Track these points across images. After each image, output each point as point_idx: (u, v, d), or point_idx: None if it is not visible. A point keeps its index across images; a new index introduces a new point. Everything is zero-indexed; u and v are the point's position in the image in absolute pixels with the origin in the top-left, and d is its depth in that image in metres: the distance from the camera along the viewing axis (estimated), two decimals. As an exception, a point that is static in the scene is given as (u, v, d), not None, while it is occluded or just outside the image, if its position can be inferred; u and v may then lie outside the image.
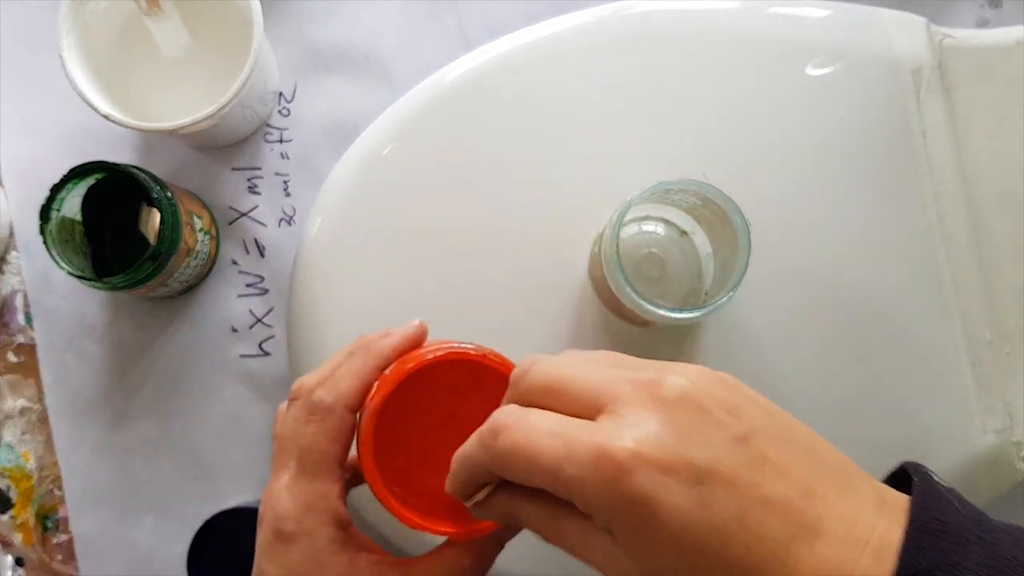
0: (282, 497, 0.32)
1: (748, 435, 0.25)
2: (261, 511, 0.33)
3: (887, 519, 0.24)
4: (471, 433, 0.28)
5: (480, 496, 0.29)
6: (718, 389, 0.26)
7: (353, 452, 0.33)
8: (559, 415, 0.26)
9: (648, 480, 0.24)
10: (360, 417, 0.33)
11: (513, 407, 0.27)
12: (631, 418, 0.25)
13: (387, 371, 0.33)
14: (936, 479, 0.27)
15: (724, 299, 0.38)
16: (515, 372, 0.29)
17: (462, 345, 0.32)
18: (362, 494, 0.37)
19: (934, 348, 0.45)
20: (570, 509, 0.26)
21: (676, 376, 0.25)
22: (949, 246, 0.45)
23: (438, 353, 0.31)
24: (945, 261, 0.45)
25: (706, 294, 0.44)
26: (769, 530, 0.24)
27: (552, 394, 0.27)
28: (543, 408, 0.27)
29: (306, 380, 0.34)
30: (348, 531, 0.33)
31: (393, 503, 0.31)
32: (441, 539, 0.33)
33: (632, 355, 0.45)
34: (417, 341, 0.34)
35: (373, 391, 0.32)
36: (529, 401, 0.27)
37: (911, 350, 0.45)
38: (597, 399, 0.26)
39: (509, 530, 0.33)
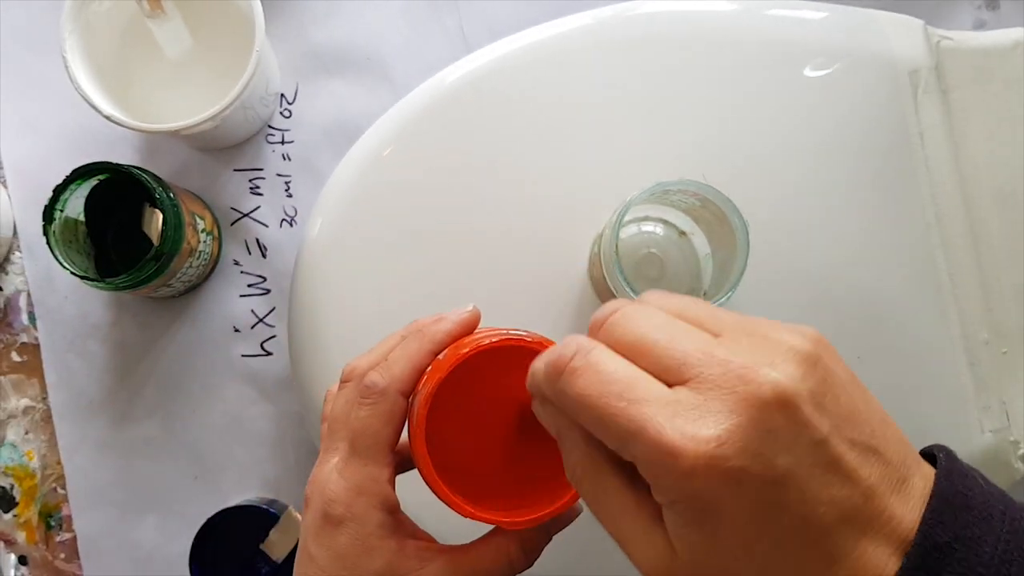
0: (332, 480, 0.31)
1: (828, 436, 0.24)
2: (308, 492, 0.32)
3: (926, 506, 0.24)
4: (523, 422, 0.27)
5: (537, 403, 0.28)
6: (811, 379, 0.24)
7: (403, 438, 0.32)
8: (634, 370, 0.25)
9: (722, 482, 0.23)
10: (412, 402, 0.32)
11: (583, 339, 0.26)
12: (715, 408, 0.23)
13: (441, 356, 0.32)
14: (961, 460, 0.27)
15: (723, 299, 0.39)
16: (594, 319, 0.27)
17: (517, 332, 0.31)
18: (408, 483, 0.36)
19: (932, 348, 0.45)
20: (620, 469, 0.25)
21: (770, 371, 0.24)
22: (947, 246, 0.46)
23: (494, 339, 0.31)
24: (943, 261, 0.46)
25: (705, 294, 0.44)
26: (828, 530, 0.23)
27: (635, 353, 0.25)
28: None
29: (359, 362, 0.33)
30: (397, 516, 0.32)
31: (444, 489, 0.30)
32: (488, 527, 0.32)
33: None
34: (471, 326, 0.33)
35: (426, 376, 0.32)
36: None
37: (909, 350, 0.45)
38: (680, 370, 0.24)
39: (558, 522, 0.32)
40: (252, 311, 0.52)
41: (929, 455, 0.28)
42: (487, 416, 0.32)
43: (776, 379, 0.23)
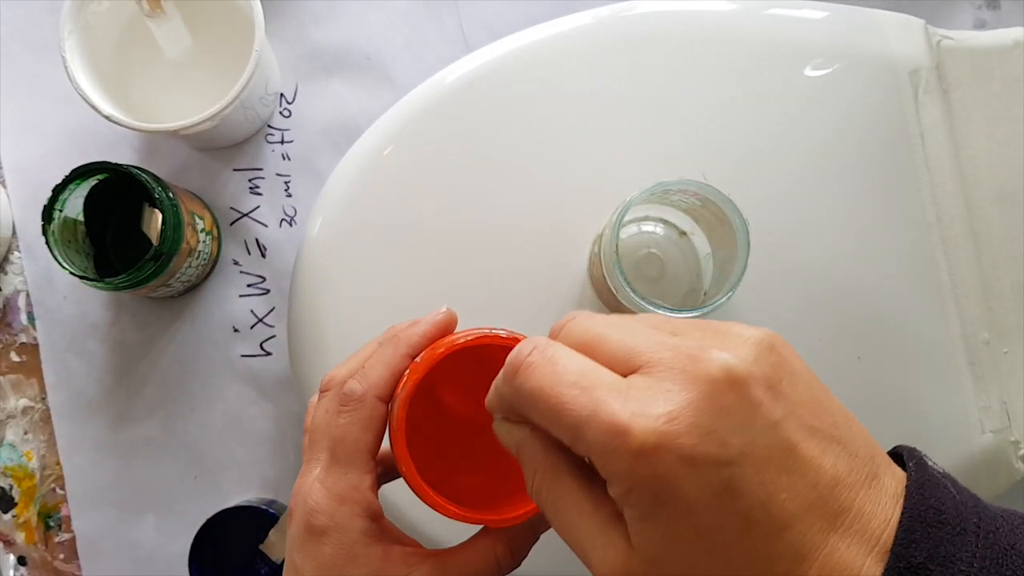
0: (314, 490, 0.31)
1: (783, 419, 0.23)
2: (292, 504, 0.32)
3: (899, 511, 0.24)
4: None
5: (496, 421, 0.28)
6: (763, 362, 0.24)
7: (385, 444, 0.32)
8: (588, 362, 0.25)
9: (675, 461, 0.23)
10: (392, 406, 0.32)
11: (541, 339, 0.26)
12: (665, 387, 0.23)
13: (417, 359, 0.32)
14: (931, 464, 0.26)
15: (723, 299, 0.39)
16: (553, 326, 0.28)
17: (493, 329, 0.31)
18: (390, 487, 0.36)
19: (932, 347, 0.45)
20: (578, 475, 0.25)
21: (721, 352, 0.24)
22: (947, 246, 0.46)
23: (468, 338, 0.31)
24: (943, 261, 0.45)
25: (705, 294, 0.44)
26: (790, 520, 0.23)
27: (589, 348, 0.26)
28: None
29: (336, 372, 0.33)
30: (381, 523, 0.32)
31: (428, 491, 0.31)
32: (475, 529, 0.32)
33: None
34: (446, 327, 0.33)
35: (404, 379, 0.32)
36: None
37: (909, 350, 0.45)
38: (632, 358, 0.25)
39: (545, 521, 0.32)
40: (252, 311, 0.52)
41: (896, 456, 0.27)
42: (468, 415, 0.32)
43: (726, 359, 0.24)
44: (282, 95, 0.53)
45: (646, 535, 0.24)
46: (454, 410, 0.33)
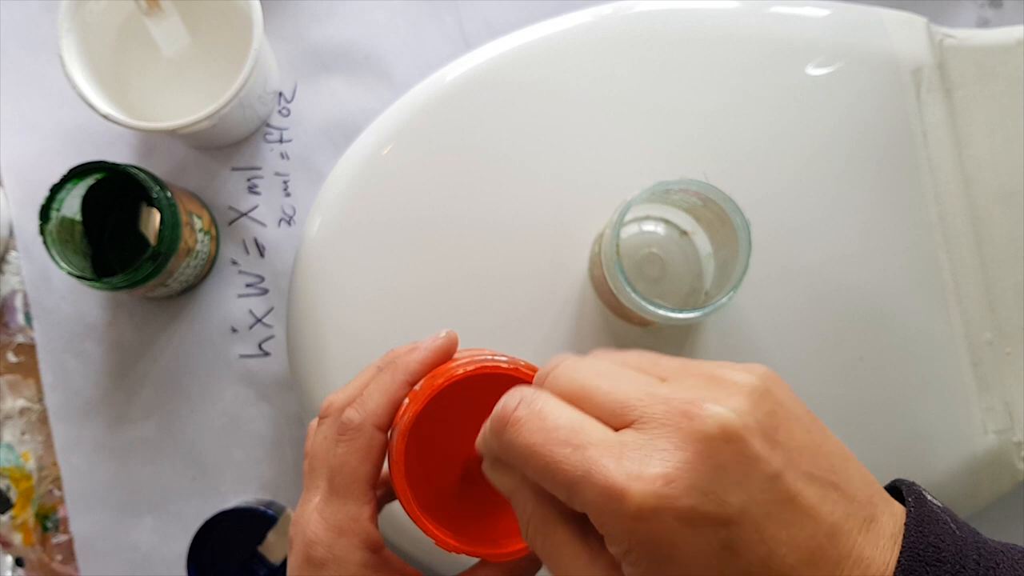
0: (312, 520, 0.31)
1: (782, 471, 0.23)
2: (291, 533, 0.32)
3: (899, 549, 0.24)
4: None
5: (487, 464, 0.28)
6: (759, 411, 0.24)
7: (386, 469, 0.32)
8: (579, 415, 0.25)
9: (673, 522, 0.22)
10: (391, 435, 0.32)
11: (527, 390, 0.26)
12: (659, 446, 0.23)
13: (417, 387, 0.32)
14: (930, 499, 0.26)
15: (724, 299, 0.38)
16: (539, 373, 0.27)
17: (494, 357, 0.31)
18: (391, 514, 0.36)
19: (935, 348, 0.45)
20: (573, 524, 0.25)
21: (714, 406, 0.23)
22: (950, 246, 0.45)
23: (468, 368, 0.30)
24: (946, 261, 0.45)
25: (706, 294, 0.44)
26: (791, 574, 0.23)
27: (579, 400, 0.25)
28: None
29: (335, 398, 0.33)
30: (380, 554, 0.32)
31: (427, 524, 0.30)
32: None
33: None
34: (446, 352, 0.33)
35: (403, 408, 0.31)
36: None
37: (912, 350, 0.45)
38: (624, 413, 0.24)
39: None
40: (250, 311, 0.52)
41: (895, 489, 0.27)
42: (468, 444, 0.31)
43: (720, 413, 0.23)
44: (281, 94, 0.52)
45: None
46: (454, 437, 0.32)
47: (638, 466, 0.23)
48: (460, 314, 0.45)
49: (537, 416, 0.25)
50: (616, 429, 0.24)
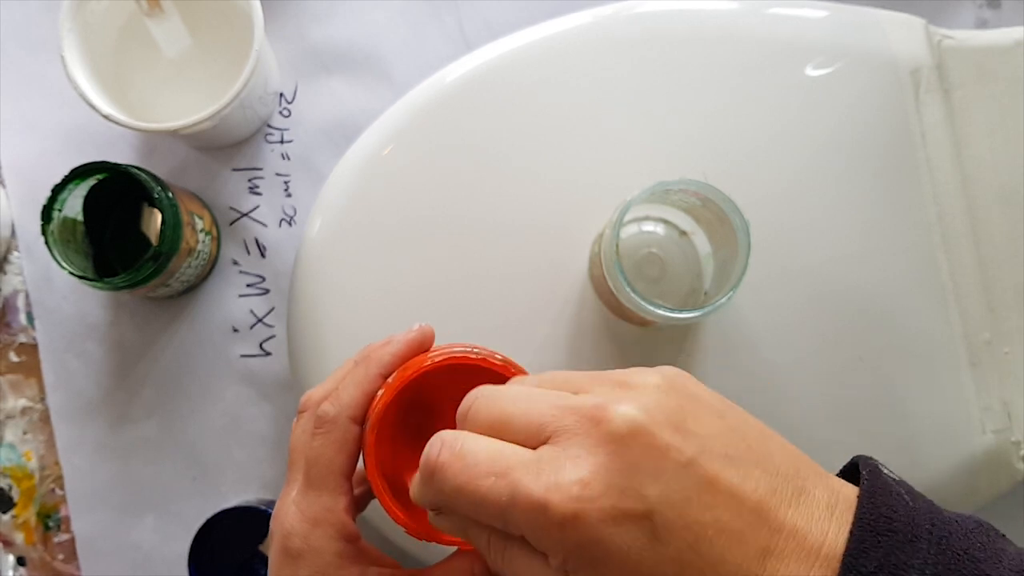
0: (289, 512, 0.32)
1: (695, 457, 0.24)
2: (271, 526, 0.33)
3: (838, 521, 0.24)
4: None
5: (431, 515, 0.28)
6: (666, 406, 0.24)
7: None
8: (496, 444, 0.25)
9: (597, 523, 0.23)
10: (364, 427, 0.32)
11: (446, 433, 0.26)
12: (572, 454, 0.24)
13: (390, 379, 0.32)
14: (885, 472, 0.26)
15: (724, 299, 0.38)
16: (460, 409, 0.28)
17: (465, 349, 0.32)
18: (378, 507, 0.36)
19: (933, 348, 0.45)
20: (521, 541, 0.25)
21: (621, 406, 0.24)
22: (948, 246, 0.45)
23: (437, 359, 0.31)
24: (944, 261, 0.45)
25: (706, 294, 0.44)
26: (723, 554, 0.23)
27: (498, 430, 0.26)
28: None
29: (313, 392, 0.34)
30: (357, 545, 0.32)
31: (399, 514, 0.31)
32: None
33: (632, 355, 0.45)
34: (421, 345, 0.34)
35: (376, 399, 0.32)
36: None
37: (910, 350, 0.45)
38: (540, 431, 0.25)
39: None
40: (251, 311, 0.52)
41: (854, 467, 0.27)
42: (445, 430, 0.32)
43: (625, 411, 0.24)
44: (281, 94, 0.53)
45: None
46: (430, 428, 0.33)
47: (554, 477, 0.23)
48: (460, 314, 0.45)
49: (459, 456, 0.25)
50: (535, 448, 0.25)
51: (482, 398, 0.27)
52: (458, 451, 0.26)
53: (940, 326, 0.45)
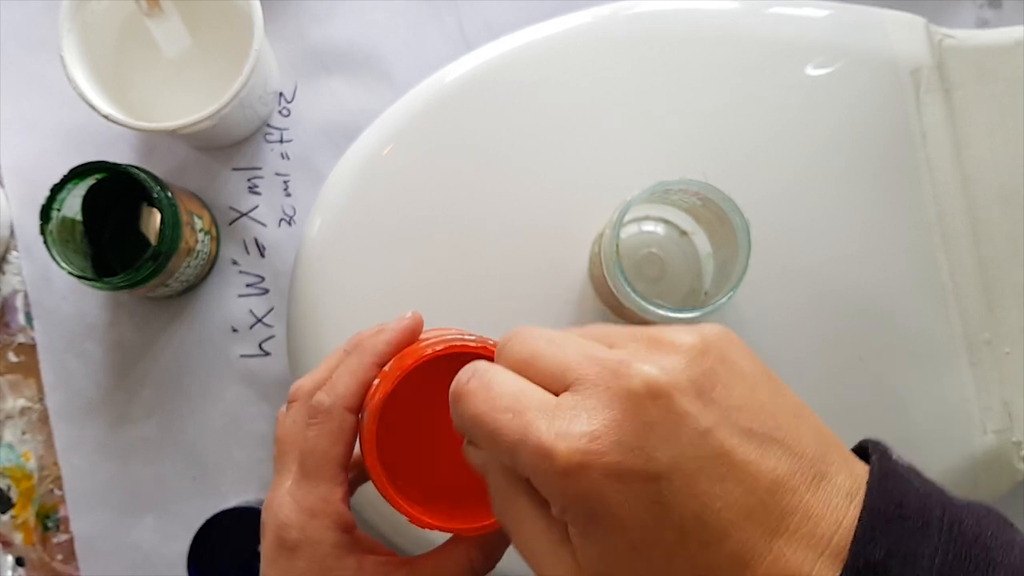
0: (285, 504, 0.31)
1: (713, 427, 0.23)
2: (264, 518, 0.32)
3: (856, 508, 0.23)
4: None
5: (465, 444, 0.28)
6: (693, 370, 0.24)
7: (357, 451, 0.33)
8: (522, 383, 0.25)
9: (601, 479, 0.23)
10: (362, 416, 0.32)
11: (480, 364, 0.27)
12: (588, 405, 0.24)
13: (386, 368, 0.32)
14: (895, 457, 0.25)
15: (724, 299, 0.38)
16: (500, 341, 0.28)
17: (462, 336, 0.31)
18: (363, 495, 0.36)
19: (934, 348, 0.45)
20: (527, 488, 0.25)
21: (645, 364, 0.24)
22: (948, 246, 0.45)
23: (437, 347, 0.31)
24: (944, 261, 0.45)
25: (706, 294, 0.44)
26: (727, 529, 0.23)
27: (526, 367, 0.26)
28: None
29: (304, 382, 0.34)
30: (353, 534, 0.32)
31: (400, 502, 0.31)
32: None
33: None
34: (413, 333, 0.33)
35: (373, 389, 0.32)
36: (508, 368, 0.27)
37: (910, 350, 0.45)
38: (564, 375, 0.25)
39: None
40: (250, 311, 0.52)
41: (863, 450, 0.26)
42: (439, 421, 0.32)
43: (647, 371, 0.23)
44: (281, 94, 0.52)
45: (587, 551, 0.24)
46: (425, 417, 0.33)
47: (566, 425, 0.23)
48: (460, 314, 0.45)
49: (484, 387, 0.25)
50: (558, 394, 0.25)
51: (520, 334, 0.27)
52: (485, 382, 0.26)
53: (940, 326, 0.45)
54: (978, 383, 0.45)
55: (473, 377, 0.26)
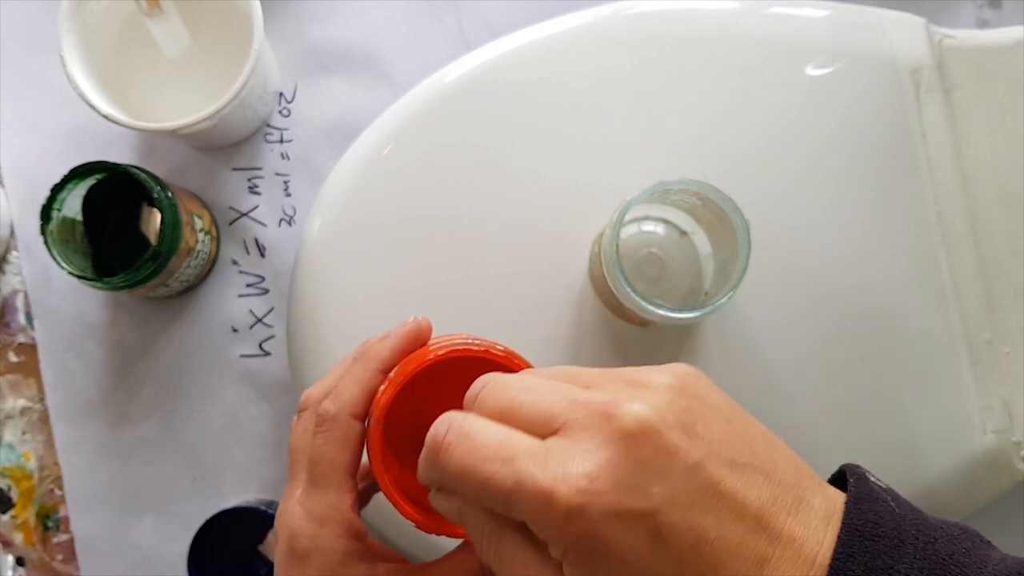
0: (295, 513, 0.32)
1: (702, 460, 0.24)
2: (276, 526, 0.33)
3: (833, 529, 0.24)
4: None
5: (432, 493, 0.28)
6: (676, 406, 0.25)
7: (367, 458, 0.33)
8: (504, 430, 0.25)
9: (602, 518, 0.23)
10: (368, 422, 0.32)
11: (456, 415, 0.27)
12: (582, 448, 0.24)
13: (391, 374, 0.32)
14: (872, 479, 0.26)
15: (724, 299, 0.38)
16: (467, 394, 0.28)
17: (467, 341, 0.32)
18: (372, 501, 0.36)
19: (934, 348, 0.45)
20: (516, 529, 0.26)
21: (633, 404, 0.24)
22: (949, 246, 0.45)
23: (439, 352, 0.31)
24: (945, 261, 0.45)
25: (706, 294, 0.44)
26: (722, 558, 0.23)
27: (507, 416, 0.26)
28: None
29: (313, 391, 0.34)
30: (364, 541, 0.32)
31: (406, 507, 0.31)
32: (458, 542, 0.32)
33: (632, 355, 0.45)
34: (418, 338, 0.34)
35: (378, 395, 0.32)
36: None
37: (911, 350, 0.45)
38: (549, 421, 0.25)
39: None
40: (251, 311, 0.52)
41: (842, 475, 0.27)
42: None
43: (637, 410, 0.24)
44: (281, 94, 0.53)
45: None
46: (432, 419, 0.33)
47: (563, 468, 0.24)
48: (460, 314, 0.45)
49: (466, 438, 0.26)
50: (543, 439, 0.25)
51: (492, 384, 0.27)
52: (465, 432, 0.26)
53: (940, 326, 0.45)
54: (978, 383, 0.45)
55: (450, 428, 0.26)
